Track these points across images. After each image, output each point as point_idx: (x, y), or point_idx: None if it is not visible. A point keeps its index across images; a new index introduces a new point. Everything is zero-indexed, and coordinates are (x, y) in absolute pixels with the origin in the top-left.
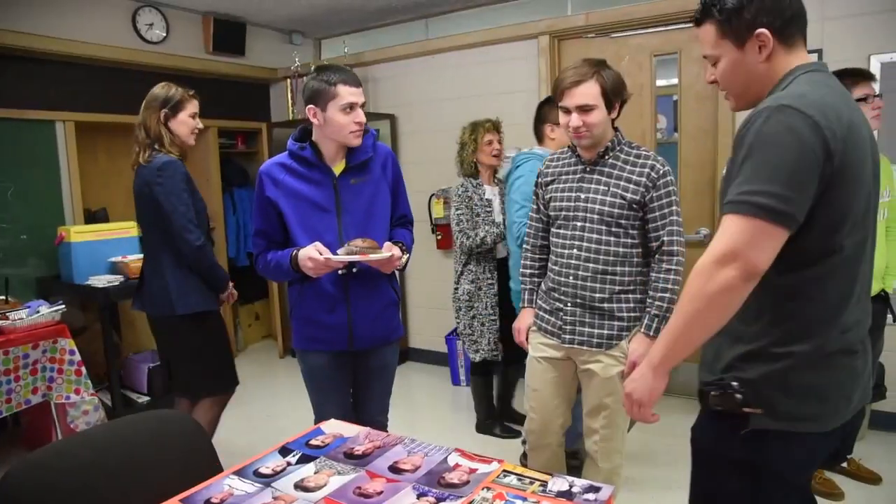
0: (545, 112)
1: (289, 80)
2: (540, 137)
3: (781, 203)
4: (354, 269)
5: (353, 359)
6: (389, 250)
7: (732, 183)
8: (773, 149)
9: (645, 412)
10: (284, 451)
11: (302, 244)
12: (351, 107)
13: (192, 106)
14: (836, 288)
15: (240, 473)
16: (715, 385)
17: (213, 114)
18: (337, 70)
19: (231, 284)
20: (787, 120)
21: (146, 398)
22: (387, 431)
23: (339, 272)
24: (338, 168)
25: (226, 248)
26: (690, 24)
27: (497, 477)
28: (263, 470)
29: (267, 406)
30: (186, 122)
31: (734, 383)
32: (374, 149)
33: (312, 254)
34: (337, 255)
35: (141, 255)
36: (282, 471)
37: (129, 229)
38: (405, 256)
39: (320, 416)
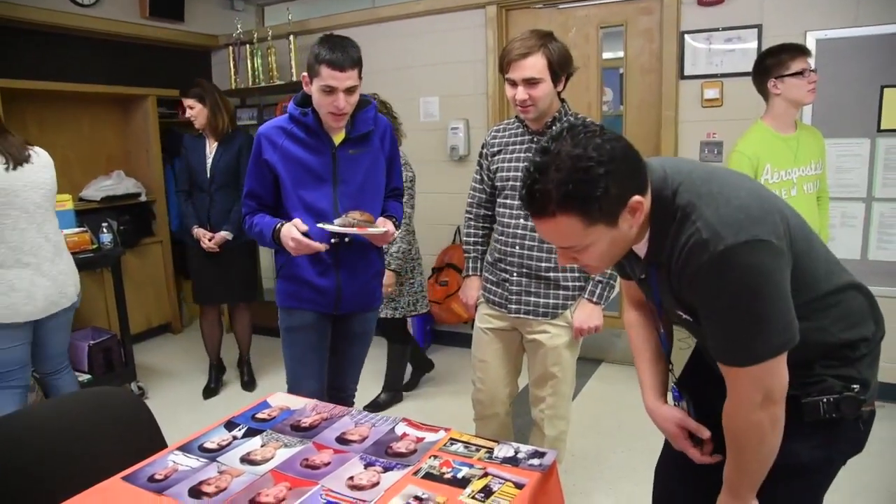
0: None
1: (231, 48)
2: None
3: (791, 330)
4: (347, 240)
5: (334, 324)
6: (384, 225)
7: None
8: (751, 289)
9: None
10: (230, 425)
11: (294, 211)
12: (330, 90)
13: (184, 102)
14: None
15: (184, 449)
16: (827, 393)
17: (151, 82)
18: (332, 47)
19: (201, 234)
20: (748, 261)
21: (87, 376)
22: (352, 403)
23: (332, 241)
24: (338, 137)
25: (168, 221)
26: None
27: (444, 445)
28: (209, 445)
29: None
30: (188, 112)
31: (854, 385)
32: (375, 121)
33: (294, 234)
34: (333, 225)
35: (77, 229)
36: (227, 445)
37: (64, 202)
38: (397, 232)
39: (295, 378)
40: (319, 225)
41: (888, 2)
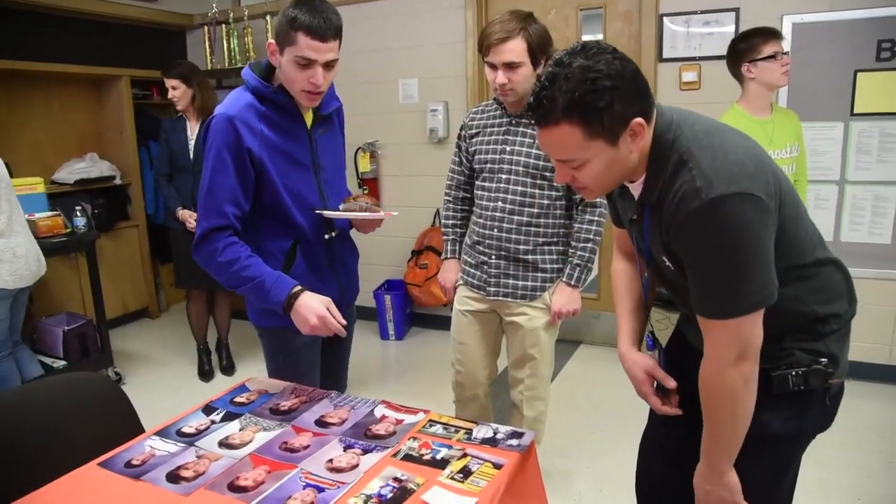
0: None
1: (206, 28)
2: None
3: (770, 288)
4: (334, 233)
5: None
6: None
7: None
8: (738, 238)
9: None
10: (208, 409)
11: (291, 211)
12: (307, 63)
13: (167, 83)
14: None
15: (162, 434)
16: (794, 366)
17: (124, 62)
18: (312, 10)
19: (186, 216)
20: (736, 211)
21: (62, 362)
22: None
23: (325, 237)
24: (308, 118)
25: (143, 205)
26: None
27: (423, 427)
28: (186, 429)
29: (192, 366)
30: (171, 93)
31: (822, 359)
32: (336, 97)
33: (322, 311)
34: (337, 213)
35: (50, 213)
36: (205, 429)
37: (35, 185)
38: None
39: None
40: (323, 212)
41: None
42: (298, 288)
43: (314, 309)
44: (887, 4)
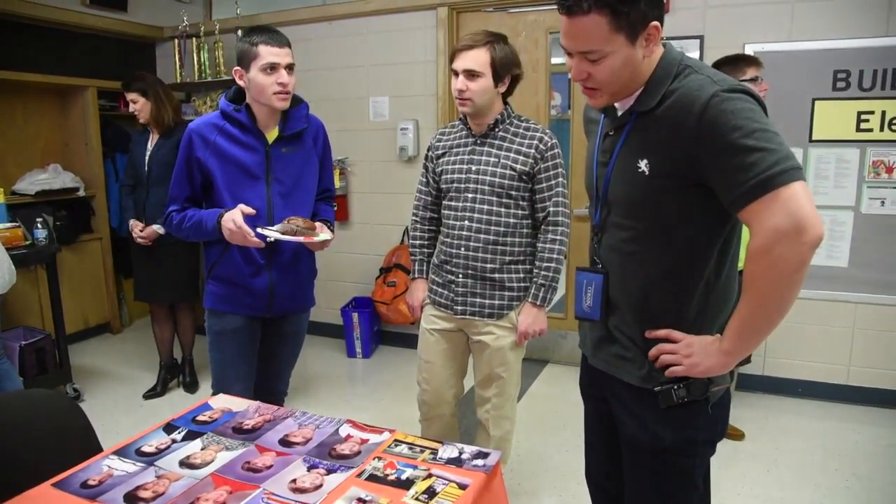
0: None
1: (176, 41)
2: None
3: (798, 163)
4: (270, 240)
5: (266, 325)
6: (321, 231)
7: (733, 168)
8: (758, 121)
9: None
10: (169, 427)
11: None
12: (272, 67)
13: (127, 97)
14: (732, 250)
15: (120, 453)
16: (677, 380)
17: (92, 73)
18: (262, 31)
19: (133, 225)
20: (745, 98)
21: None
22: (282, 404)
23: (268, 240)
24: (271, 135)
25: (107, 217)
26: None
27: (388, 446)
28: (146, 448)
29: (154, 383)
30: (132, 107)
31: None
32: (308, 120)
33: (237, 217)
34: (272, 230)
35: (9, 224)
36: (166, 448)
37: None
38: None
39: (221, 381)
40: (260, 230)
41: (817, 19)
42: (223, 211)
43: (228, 218)
44: (842, 37)
